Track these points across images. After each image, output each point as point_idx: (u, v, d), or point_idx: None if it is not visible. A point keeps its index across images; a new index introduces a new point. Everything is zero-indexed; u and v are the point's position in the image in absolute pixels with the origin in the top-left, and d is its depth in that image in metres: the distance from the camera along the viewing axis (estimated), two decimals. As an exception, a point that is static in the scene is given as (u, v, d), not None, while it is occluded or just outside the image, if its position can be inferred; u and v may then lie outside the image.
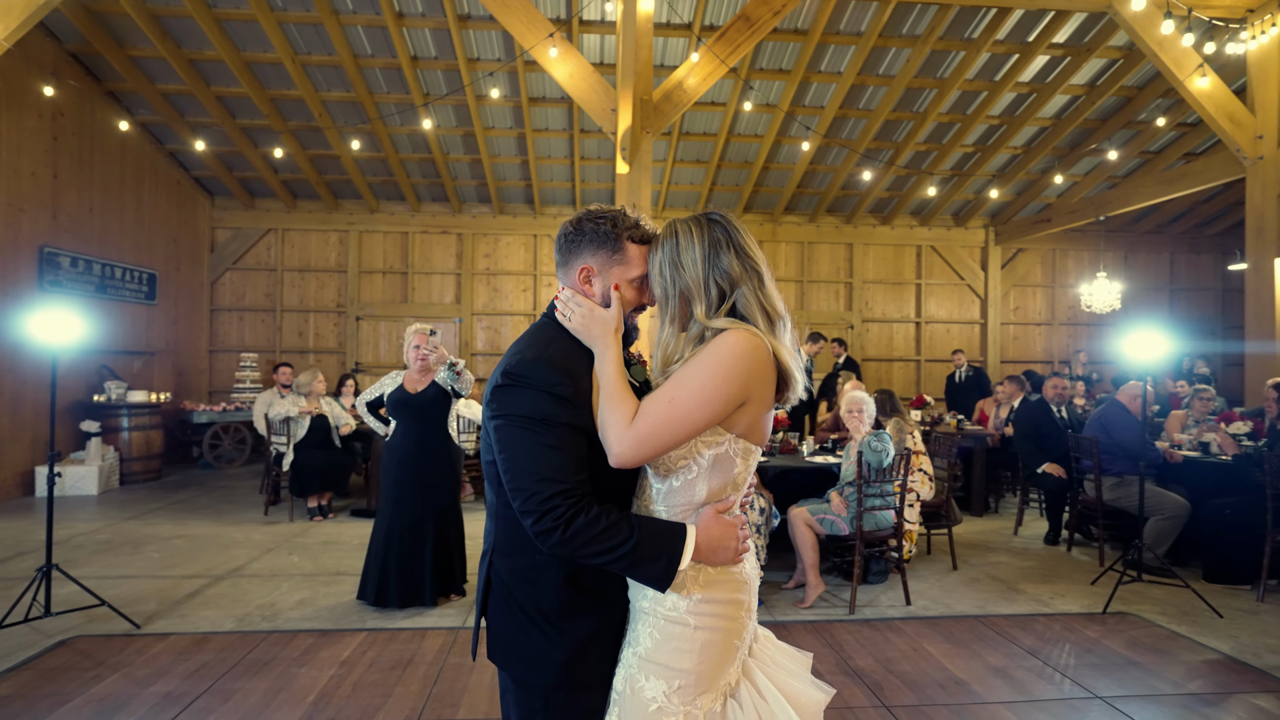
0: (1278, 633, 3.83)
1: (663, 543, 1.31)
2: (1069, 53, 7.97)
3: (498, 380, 1.38)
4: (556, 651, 1.38)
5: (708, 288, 1.37)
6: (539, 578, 1.40)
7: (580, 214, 1.48)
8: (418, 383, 4.23)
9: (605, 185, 10.52)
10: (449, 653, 3.45)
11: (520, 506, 1.31)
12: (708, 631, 1.35)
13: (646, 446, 1.29)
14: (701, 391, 1.29)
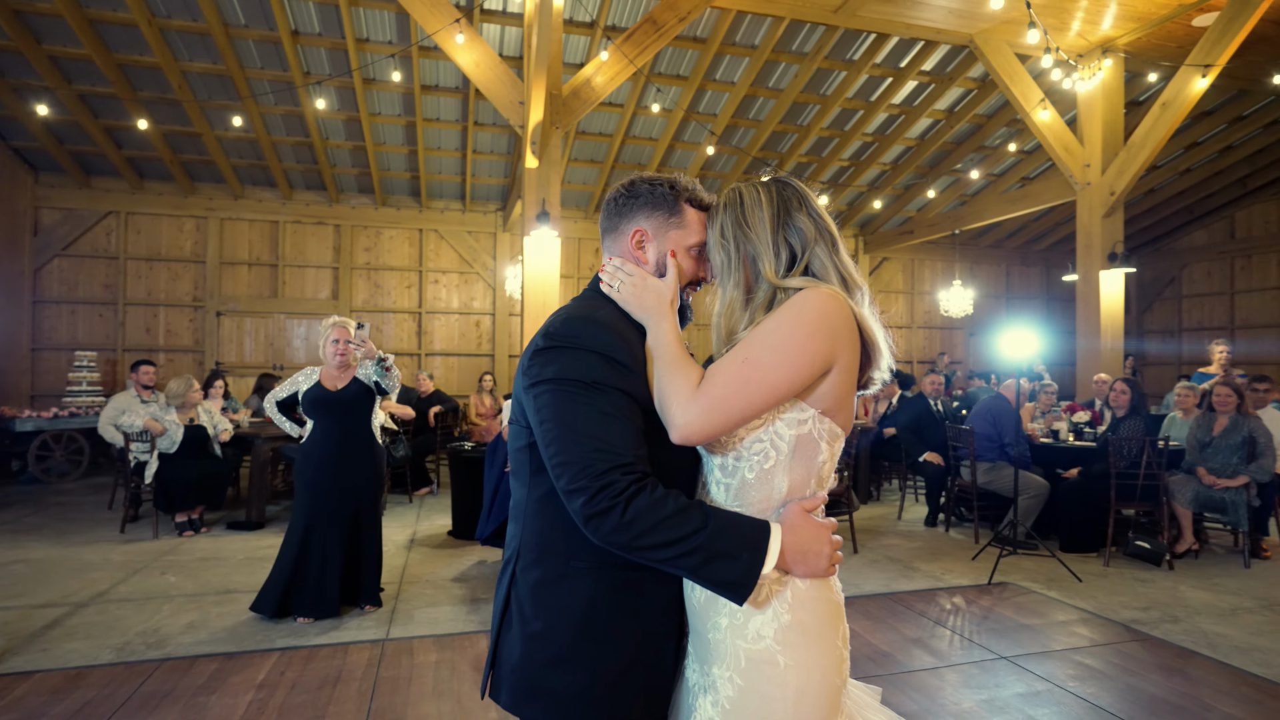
0: (1125, 591, 4.43)
1: (743, 537, 1.08)
2: (934, 80, 8.78)
3: (538, 344, 1.19)
4: (582, 690, 1.16)
5: (777, 249, 1.21)
6: (570, 592, 1.18)
7: (632, 178, 1.35)
8: (337, 379, 3.93)
9: (498, 180, 10.27)
10: (379, 666, 3.23)
11: (568, 484, 1.08)
12: (802, 670, 1.10)
13: (717, 414, 1.08)
14: (781, 349, 1.09)
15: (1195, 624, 3.85)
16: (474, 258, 10.80)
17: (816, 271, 1.21)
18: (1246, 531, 5.02)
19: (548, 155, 6.20)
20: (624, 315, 1.26)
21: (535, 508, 1.23)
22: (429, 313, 10.65)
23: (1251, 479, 4.96)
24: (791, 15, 7.13)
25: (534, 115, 5.92)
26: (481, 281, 10.89)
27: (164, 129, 8.46)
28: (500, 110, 6.30)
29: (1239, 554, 5.17)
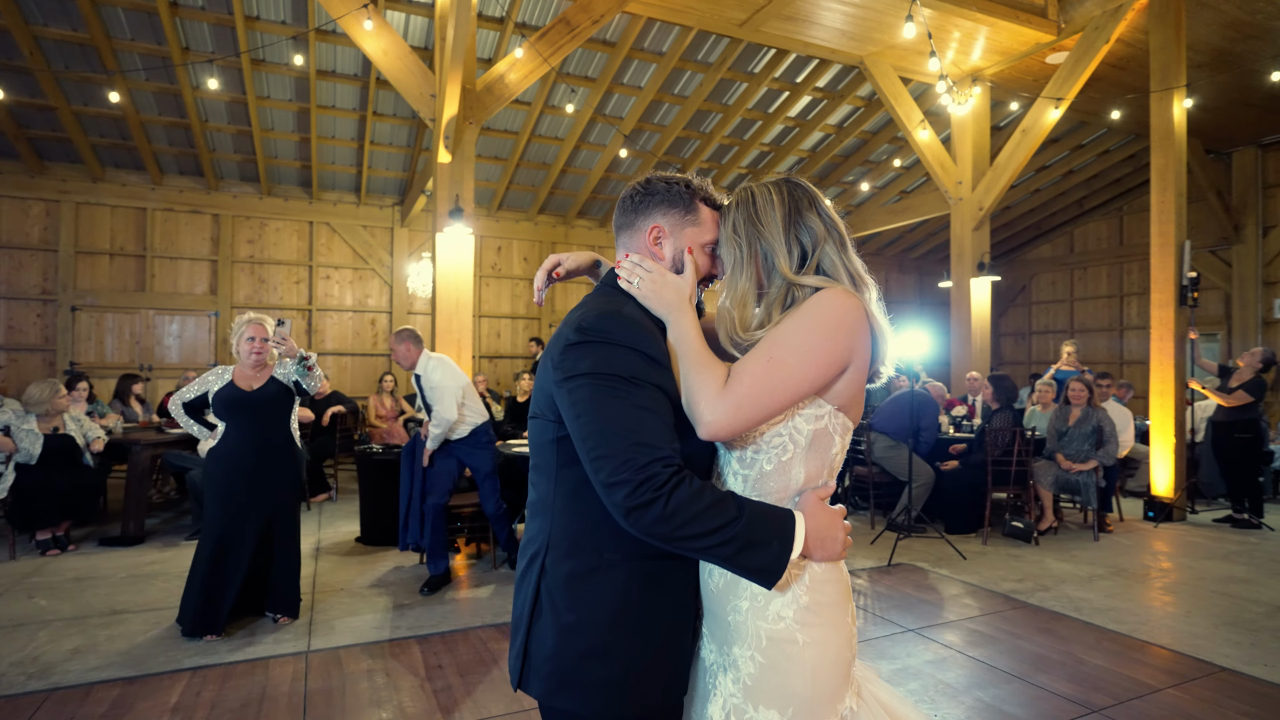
0: (1002, 566, 4.94)
1: (773, 527, 1.12)
2: (826, 96, 9.34)
3: (570, 339, 1.18)
4: (617, 677, 1.19)
5: (790, 246, 1.25)
6: (605, 584, 1.20)
7: (647, 177, 1.38)
8: (252, 379, 3.70)
9: (396, 174, 9.89)
10: (306, 679, 3.08)
11: (608, 477, 1.08)
12: (819, 646, 1.17)
13: (744, 412, 1.13)
14: (804, 349, 1.14)
15: (1062, 591, 4.37)
16: (369, 253, 10.35)
17: (827, 269, 1.25)
18: (1095, 509, 5.74)
19: (461, 151, 6.08)
20: (646, 311, 1.27)
21: (565, 502, 1.23)
22: (320, 310, 10.10)
23: (1100, 463, 5.68)
24: (700, 26, 7.36)
25: (448, 109, 5.79)
26: (378, 278, 10.45)
27: (10, 100, 7.53)
28: (410, 102, 6.11)
29: (1089, 529, 5.89)
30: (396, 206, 10.44)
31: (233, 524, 3.59)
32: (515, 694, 2.94)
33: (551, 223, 11.55)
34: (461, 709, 2.82)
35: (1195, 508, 6.78)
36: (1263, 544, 5.53)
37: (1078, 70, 7.31)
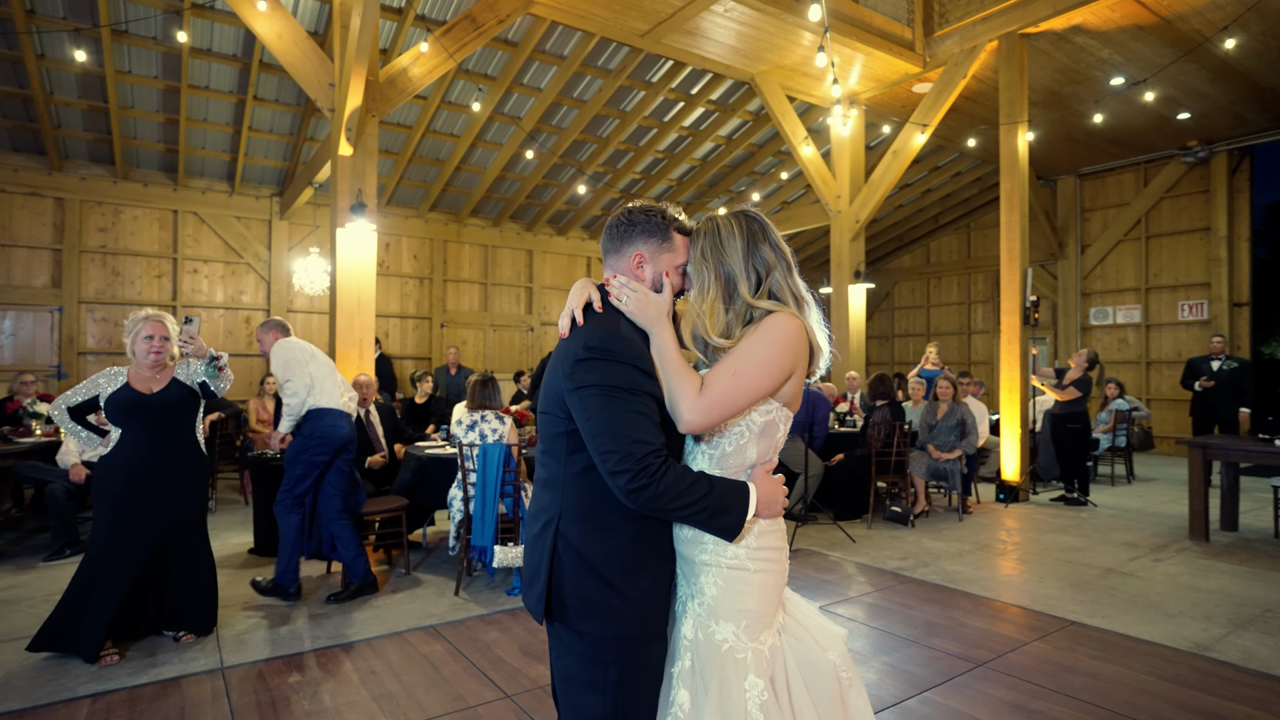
0: (887, 546, 5.46)
1: (734, 497, 1.46)
2: (718, 109, 9.79)
3: (579, 355, 1.45)
4: (626, 606, 1.47)
5: (748, 272, 1.53)
6: (610, 538, 1.48)
7: (628, 208, 1.61)
8: (151, 381, 3.43)
9: (276, 163, 9.30)
10: (229, 697, 2.92)
11: (613, 467, 1.38)
12: (763, 575, 1.51)
13: (714, 414, 1.44)
14: (761, 365, 1.46)
15: (939, 566, 4.91)
16: (244, 246, 9.65)
17: (776, 292, 1.54)
18: (960, 494, 6.45)
19: (363, 145, 5.87)
20: (634, 326, 1.54)
21: (574, 480, 1.52)
22: (187, 306, 9.29)
23: (964, 452, 6.39)
24: (603, 33, 7.51)
25: (351, 101, 5.57)
26: (253, 273, 9.77)
27: None
28: (307, 91, 5.83)
29: (955, 512, 6.61)
30: (275, 197, 9.81)
31: (130, 537, 3.33)
32: (455, 694, 2.96)
33: (443, 220, 11.28)
34: (406, 713, 2.80)
35: (1036, 489, 7.76)
36: (1091, 518, 6.45)
37: (940, 100, 8.14)
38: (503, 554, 4.10)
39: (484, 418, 4.51)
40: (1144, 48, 7.71)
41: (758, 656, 1.48)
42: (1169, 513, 6.62)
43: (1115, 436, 8.52)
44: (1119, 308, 11.82)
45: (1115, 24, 7.24)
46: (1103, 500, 7.26)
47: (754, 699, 1.45)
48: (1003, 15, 7.51)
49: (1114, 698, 2.92)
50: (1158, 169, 11.29)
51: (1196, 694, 2.95)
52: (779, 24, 7.32)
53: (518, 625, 3.77)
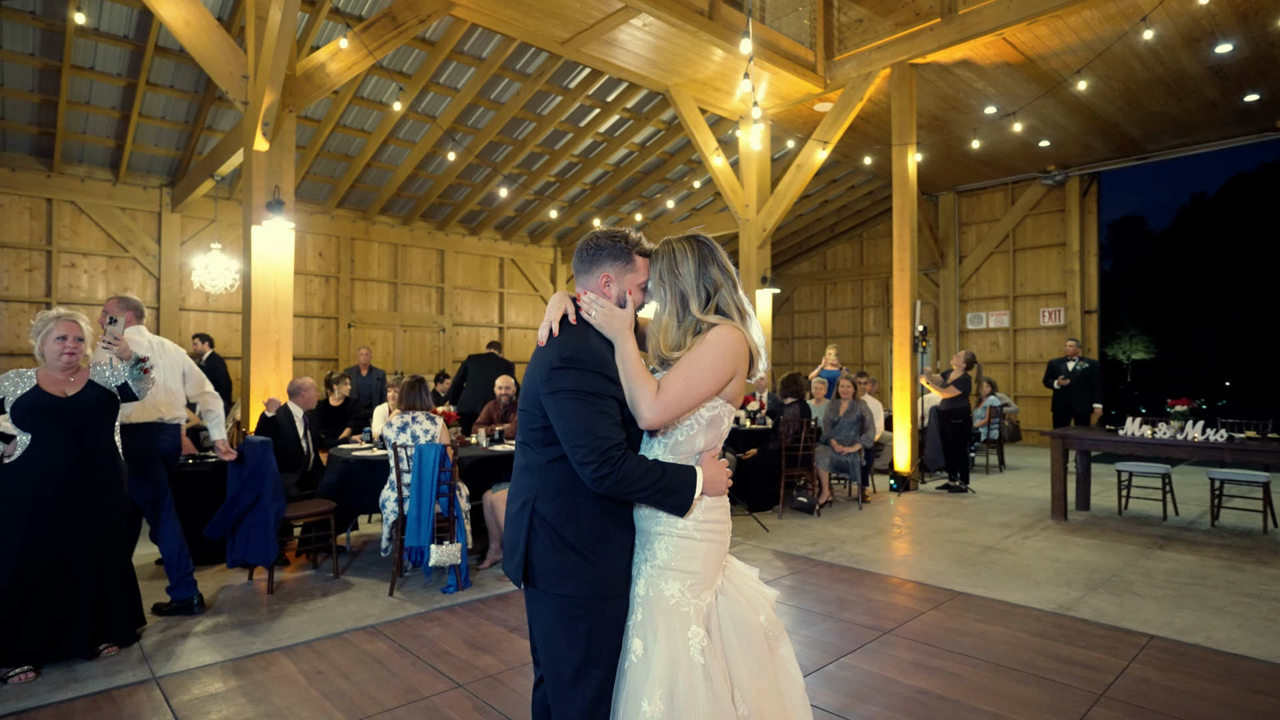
0: (797, 534, 5.89)
1: (684, 479, 1.72)
2: (633, 117, 10.06)
3: (554, 364, 1.71)
4: (593, 571, 1.73)
5: (699, 290, 1.79)
6: (579, 515, 1.74)
7: (595, 233, 1.86)
8: (64, 384, 3.28)
9: (167, 152, 8.75)
10: (170, 705, 2.87)
11: (581, 458, 1.65)
12: (708, 543, 1.77)
13: (670, 412, 1.72)
14: (707, 371, 1.74)
15: (844, 550, 5.37)
16: (130, 240, 9.02)
17: (723, 307, 1.81)
18: (859, 484, 7.01)
19: (280, 140, 5.71)
20: (602, 337, 1.79)
21: (548, 466, 1.77)
22: (64, 304, 8.57)
23: (863, 446, 6.95)
24: (524, 38, 7.59)
25: (270, 95, 5.41)
26: (140, 269, 9.14)
27: None
28: (219, 82, 5.61)
29: (855, 501, 7.17)
30: (166, 188, 9.22)
31: (44, 543, 3.18)
32: (407, 687, 3.04)
33: (351, 217, 10.96)
34: (362, 707, 2.86)
35: (924, 479, 8.51)
36: (971, 504, 7.18)
37: (839, 120, 8.76)
38: (439, 553, 4.18)
39: (415, 419, 4.54)
40: (1013, 83, 8.63)
41: (699, 611, 1.74)
42: (1035, 496, 7.47)
43: (989, 430, 9.46)
44: (991, 313, 13.05)
45: (990, 60, 8.08)
46: (980, 487, 8.08)
47: (696, 645, 1.71)
48: (894, 46, 8.20)
49: (996, 652, 3.39)
50: (1023, 189, 12.57)
51: (1061, 645, 3.47)
52: (694, 40, 7.67)
53: (458, 621, 3.86)
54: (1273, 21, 6.91)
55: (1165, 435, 5.88)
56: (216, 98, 7.98)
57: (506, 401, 6.21)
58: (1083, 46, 7.69)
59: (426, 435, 4.47)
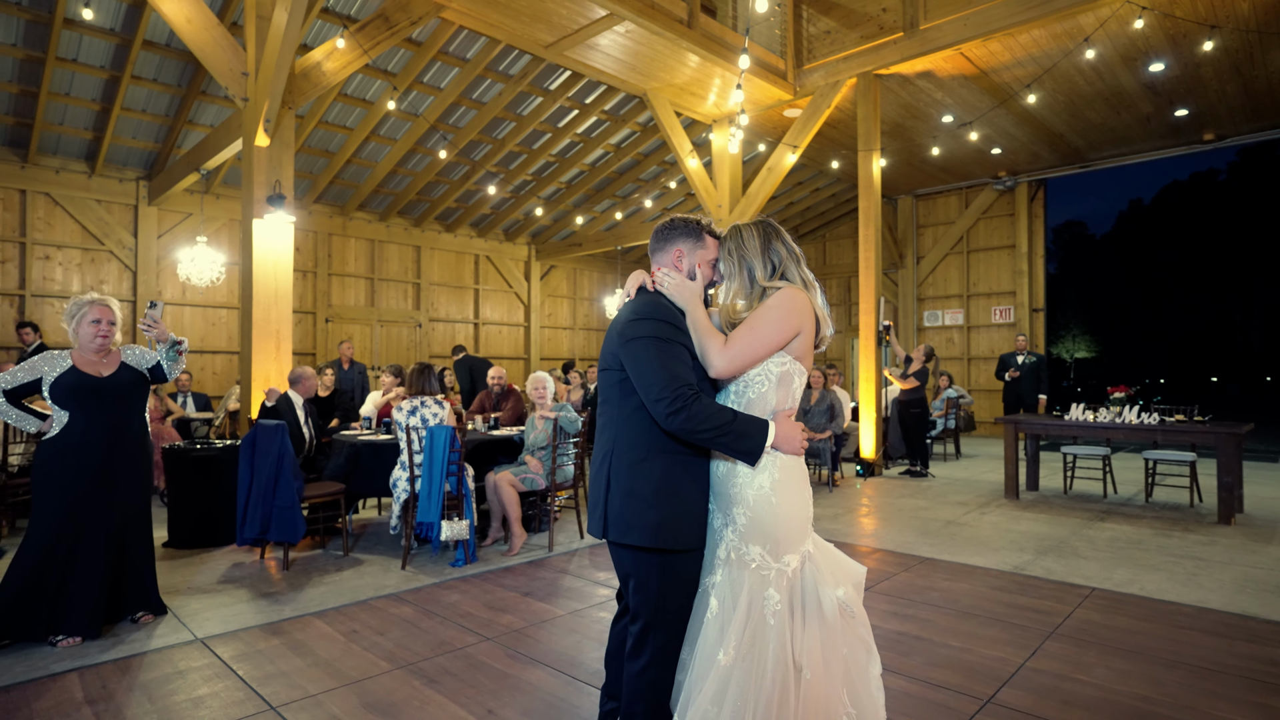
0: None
1: (755, 427, 1.85)
2: (610, 119, 10.38)
3: (630, 318, 1.95)
4: (659, 519, 1.88)
5: (765, 263, 1.99)
6: (652, 464, 1.92)
7: (671, 217, 2.12)
8: (99, 365, 3.46)
9: (145, 144, 8.74)
10: (220, 657, 3.09)
11: (655, 396, 1.82)
12: (786, 506, 1.87)
13: (738, 361, 1.87)
14: (772, 323, 1.89)
15: (820, 526, 5.80)
16: (106, 233, 8.97)
17: (789, 278, 2.01)
18: (829, 469, 7.47)
19: (280, 136, 5.88)
20: (673, 304, 2.01)
21: (625, 418, 1.96)
22: (38, 296, 8.52)
23: (833, 433, 7.41)
24: (509, 41, 7.84)
25: (274, 92, 5.58)
26: (116, 262, 9.09)
27: None
28: (219, 79, 5.75)
29: (825, 485, 7.63)
30: (143, 181, 9.19)
31: (80, 521, 3.36)
32: (439, 641, 3.31)
33: (328, 213, 11.02)
34: (403, 657, 3.14)
35: (888, 465, 9.04)
36: (932, 486, 7.71)
37: (808, 125, 9.23)
38: (449, 528, 4.45)
39: (424, 403, 4.80)
40: (968, 94, 9.22)
41: (779, 575, 1.86)
42: (989, 480, 8.05)
43: (947, 420, 10.06)
44: (946, 311, 13.75)
45: (949, 73, 8.64)
46: (938, 472, 8.64)
47: (771, 608, 1.83)
48: (860, 57, 8.70)
49: (962, 603, 3.83)
50: (976, 193, 13.29)
51: (1017, 596, 3.93)
52: (673, 47, 8.03)
53: (473, 589, 4.14)
54: (1199, 45, 7.59)
55: (1105, 419, 6.46)
56: (201, 92, 8.04)
57: (499, 390, 6.48)
58: (1032, 62, 8.31)
59: (435, 418, 4.73)
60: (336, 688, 2.81)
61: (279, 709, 2.63)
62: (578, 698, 2.73)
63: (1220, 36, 7.50)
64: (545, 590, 4.11)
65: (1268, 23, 7.26)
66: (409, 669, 3.00)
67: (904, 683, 2.84)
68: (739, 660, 1.81)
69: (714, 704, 1.81)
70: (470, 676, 2.92)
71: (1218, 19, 7.22)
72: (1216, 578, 4.25)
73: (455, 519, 4.52)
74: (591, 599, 3.95)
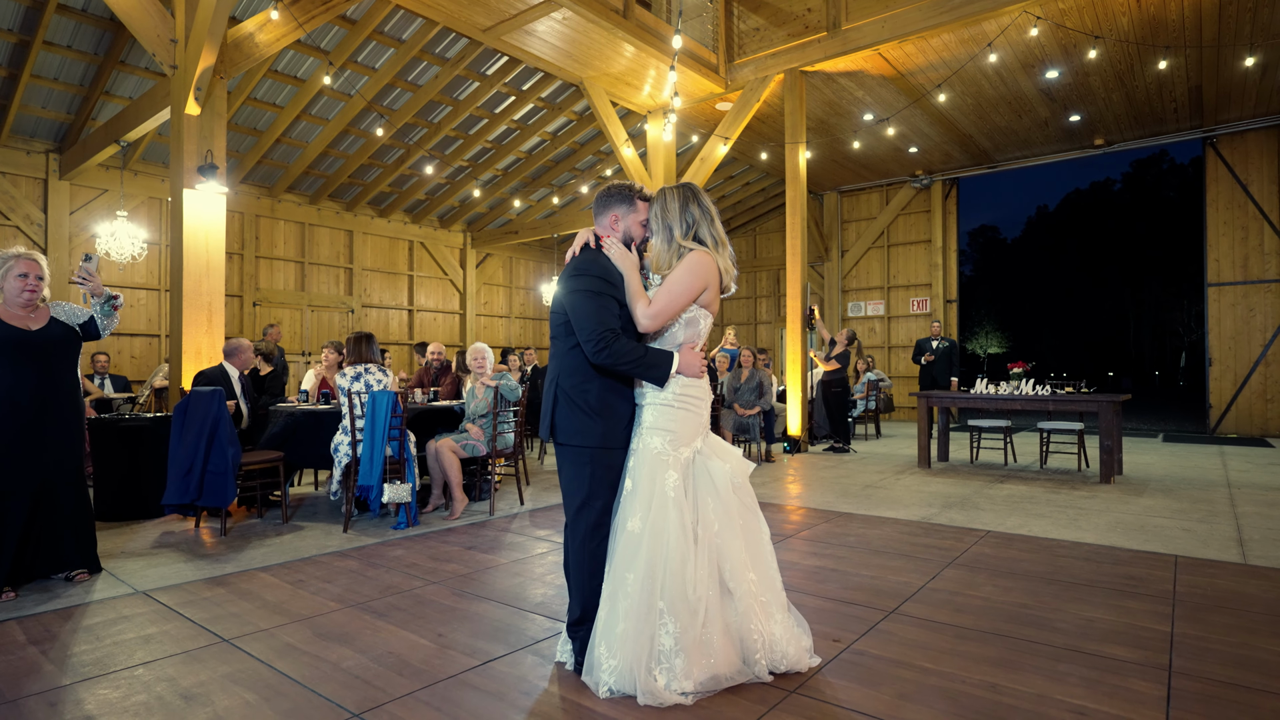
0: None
1: (662, 358, 2.34)
2: (547, 107, 10.52)
3: (572, 273, 2.37)
4: (599, 427, 2.36)
5: (681, 223, 2.41)
6: (589, 387, 2.38)
7: (609, 185, 2.49)
8: (27, 319, 3.41)
9: (56, 115, 8.34)
10: (164, 604, 3.13)
11: (585, 337, 2.28)
12: (683, 410, 2.37)
13: (659, 319, 2.35)
14: (682, 283, 2.35)
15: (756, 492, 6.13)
16: (12, 207, 8.51)
17: (700, 236, 2.43)
18: (759, 444, 7.85)
19: (211, 106, 5.78)
20: (610, 262, 2.41)
21: (569, 350, 2.40)
22: (-65, 272, 7.99)
23: (761, 409, 7.80)
24: (446, 23, 7.88)
25: (204, 58, 5.50)
26: (23, 238, 8.63)
27: None
28: (145, 45, 5.62)
29: (756, 460, 8.01)
30: (53, 154, 8.76)
31: (12, 477, 3.32)
32: (387, 585, 3.43)
33: (255, 194, 10.74)
34: (349, 599, 3.25)
35: (813, 442, 9.53)
36: (852, 460, 8.20)
37: (739, 118, 9.62)
38: (391, 491, 4.55)
39: (368, 369, 4.87)
40: (887, 94, 9.81)
41: (676, 460, 2.33)
42: (904, 454, 8.62)
43: (867, 402, 10.66)
44: (868, 302, 14.47)
45: (869, 72, 9.18)
46: (859, 449, 9.18)
47: (670, 484, 2.30)
48: (787, 54, 9.14)
49: (874, 544, 4.20)
50: (895, 191, 14.05)
51: (922, 538, 4.35)
52: (609, 37, 8.25)
53: (416, 546, 4.26)
54: (1086, 54, 8.35)
55: (1006, 392, 7.07)
56: (120, 62, 7.76)
57: (438, 366, 6.56)
58: (943, 65, 8.93)
59: (379, 384, 4.81)
60: (288, 623, 2.91)
61: (232, 641, 2.72)
62: (523, 622, 2.92)
63: (1104, 47, 8.27)
64: (488, 545, 4.27)
65: (1143, 37, 8.06)
66: (358, 607, 3.12)
67: (820, 602, 3.16)
68: (646, 528, 2.25)
69: (627, 565, 2.25)
70: (419, 610, 3.07)
71: (1101, 30, 7.97)
72: (1093, 522, 4.79)
73: (397, 482, 4.62)
74: (534, 550, 4.13)
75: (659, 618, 2.19)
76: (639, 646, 2.17)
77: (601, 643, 2.25)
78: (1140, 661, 2.49)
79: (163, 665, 2.49)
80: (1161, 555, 3.92)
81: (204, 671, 2.44)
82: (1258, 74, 8.92)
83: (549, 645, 2.66)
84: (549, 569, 3.74)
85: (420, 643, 2.69)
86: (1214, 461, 7.78)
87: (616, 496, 2.37)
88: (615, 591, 2.25)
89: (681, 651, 2.18)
